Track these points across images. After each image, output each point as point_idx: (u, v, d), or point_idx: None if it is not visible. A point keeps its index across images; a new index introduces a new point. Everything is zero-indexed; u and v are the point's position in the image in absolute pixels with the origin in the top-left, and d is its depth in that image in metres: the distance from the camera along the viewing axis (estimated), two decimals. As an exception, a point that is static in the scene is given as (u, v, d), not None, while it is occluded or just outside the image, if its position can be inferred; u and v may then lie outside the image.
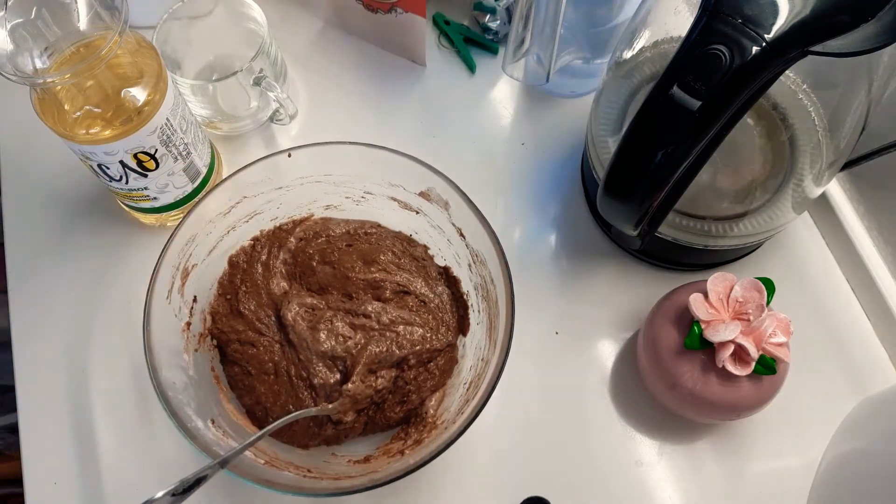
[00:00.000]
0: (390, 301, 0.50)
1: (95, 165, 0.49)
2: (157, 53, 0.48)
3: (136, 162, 0.49)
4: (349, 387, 0.47)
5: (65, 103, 0.46)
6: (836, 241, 0.57)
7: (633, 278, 0.57)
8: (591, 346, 0.55)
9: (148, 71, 0.47)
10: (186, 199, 0.56)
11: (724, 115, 0.37)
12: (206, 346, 0.50)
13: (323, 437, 0.48)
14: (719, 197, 0.51)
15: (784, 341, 0.45)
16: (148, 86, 0.47)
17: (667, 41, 0.49)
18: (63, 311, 0.56)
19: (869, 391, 0.52)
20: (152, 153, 0.49)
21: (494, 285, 0.47)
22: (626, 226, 0.45)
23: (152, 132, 0.48)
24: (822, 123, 0.49)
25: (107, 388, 0.53)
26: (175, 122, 0.50)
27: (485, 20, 0.66)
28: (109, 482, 0.50)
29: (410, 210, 0.52)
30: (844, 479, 0.46)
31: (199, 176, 0.55)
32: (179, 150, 0.51)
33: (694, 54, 0.36)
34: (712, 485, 0.50)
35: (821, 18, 0.35)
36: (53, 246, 0.58)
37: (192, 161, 0.54)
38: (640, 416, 0.52)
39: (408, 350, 0.48)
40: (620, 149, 0.40)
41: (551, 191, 0.60)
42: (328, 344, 0.48)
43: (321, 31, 0.68)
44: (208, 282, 0.51)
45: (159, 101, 0.48)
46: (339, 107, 0.64)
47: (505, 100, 0.65)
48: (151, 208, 0.55)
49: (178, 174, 0.53)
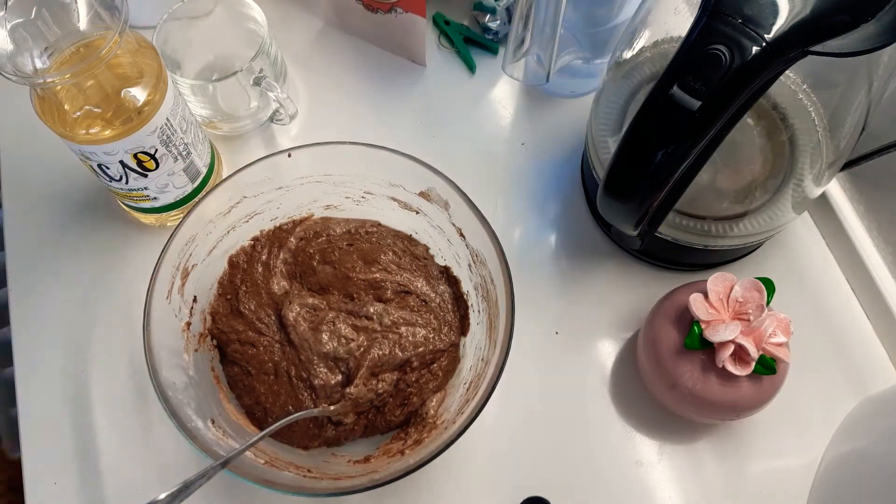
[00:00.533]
0: (392, 301, 0.50)
1: (95, 165, 0.49)
2: (157, 53, 0.48)
3: (136, 162, 0.49)
4: (351, 390, 0.47)
5: (65, 103, 0.46)
6: (836, 241, 0.57)
7: (633, 278, 0.57)
8: (591, 346, 0.55)
9: (148, 71, 0.47)
10: (186, 199, 0.56)
11: (724, 115, 0.37)
12: (206, 346, 0.50)
13: (323, 439, 0.48)
14: (719, 197, 0.51)
15: (784, 341, 0.45)
16: (148, 86, 0.47)
17: (667, 41, 0.49)
18: (63, 311, 0.56)
19: (869, 391, 0.52)
20: (152, 153, 0.49)
21: (494, 285, 0.47)
22: (626, 226, 0.45)
23: (152, 132, 0.48)
24: (822, 123, 0.49)
25: (107, 388, 0.53)
26: (175, 122, 0.50)
27: (485, 20, 0.66)
28: (109, 482, 0.50)
29: (410, 210, 0.52)
30: (844, 479, 0.46)
31: (199, 176, 0.55)
32: (179, 150, 0.51)
33: (694, 54, 0.36)
34: (712, 485, 0.50)
35: (821, 18, 0.35)
36: (53, 245, 0.58)
37: (192, 161, 0.54)
38: (640, 416, 0.52)
39: (411, 352, 0.48)
40: (620, 149, 0.40)
41: (551, 191, 0.60)
42: (330, 345, 0.48)
43: (321, 31, 0.68)
44: (208, 282, 0.51)
45: (159, 101, 0.48)
46: (339, 107, 0.64)
47: (505, 100, 0.65)
48: (151, 208, 0.55)
49: (179, 174, 0.53)
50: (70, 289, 0.56)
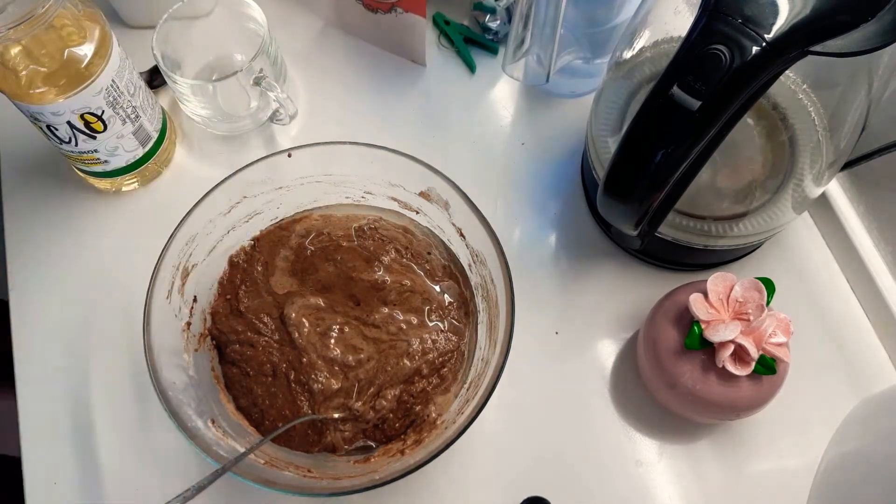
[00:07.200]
0: (396, 303, 0.50)
1: (45, 127, 0.51)
2: (101, 16, 0.50)
3: (84, 123, 0.51)
4: (357, 406, 0.47)
5: (11, 65, 0.48)
6: (836, 241, 0.57)
7: (633, 278, 0.57)
8: (591, 346, 0.55)
9: (91, 33, 0.49)
10: (138, 164, 0.57)
11: (724, 115, 0.37)
12: (207, 346, 0.50)
13: (322, 445, 0.48)
14: (719, 197, 0.51)
15: (784, 341, 0.45)
16: (92, 46, 0.49)
17: (667, 41, 0.49)
18: (63, 310, 0.56)
19: (869, 391, 0.52)
20: (99, 114, 0.51)
21: (494, 285, 0.47)
22: (626, 226, 0.45)
23: (98, 93, 0.50)
24: (822, 123, 0.49)
25: (107, 389, 0.53)
26: (122, 84, 0.52)
27: (485, 20, 0.66)
28: (109, 482, 0.50)
29: (410, 210, 0.52)
30: (844, 479, 0.46)
31: (150, 140, 0.57)
32: (127, 112, 0.53)
33: (694, 54, 0.36)
34: (712, 485, 0.50)
35: (821, 18, 0.35)
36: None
37: (142, 125, 0.55)
38: (640, 416, 0.52)
39: (419, 361, 0.48)
40: (620, 149, 0.40)
41: (551, 191, 0.60)
42: (337, 350, 0.48)
43: (321, 31, 0.68)
44: (208, 282, 0.51)
45: (103, 61, 0.50)
46: (339, 107, 0.64)
47: (505, 100, 0.65)
48: (104, 172, 0.57)
49: (128, 137, 0.55)
50: (66, 284, 0.56)
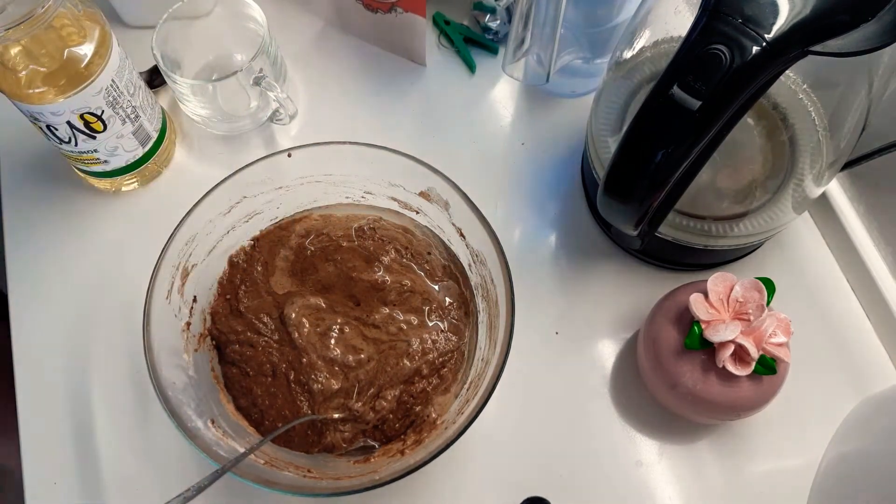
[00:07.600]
0: (396, 304, 0.50)
1: (44, 127, 0.51)
2: (101, 16, 0.50)
3: (84, 123, 0.51)
4: (357, 406, 0.47)
5: (16, 67, 0.48)
6: (836, 241, 0.57)
7: (633, 278, 0.57)
8: (591, 346, 0.55)
9: (91, 33, 0.49)
10: (138, 164, 0.57)
11: (724, 115, 0.37)
12: (206, 346, 0.50)
13: (322, 445, 0.48)
14: (719, 197, 0.51)
15: (784, 341, 0.45)
16: (92, 46, 0.49)
17: (667, 41, 0.49)
18: (63, 310, 0.56)
19: (869, 391, 0.52)
20: (99, 114, 0.51)
21: (494, 285, 0.47)
22: (626, 226, 0.45)
23: (98, 93, 0.50)
24: (822, 123, 0.49)
25: (107, 388, 0.53)
26: (121, 84, 0.52)
27: (485, 20, 0.66)
28: (109, 482, 0.50)
29: (410, 210, 0.52)
30: (844, 479, 0.46)
31: (150, 140, 0.57)
32: (127, 112, 0.53)
33: (694, 54, 0.36)
34: (712, 485, 0.50)
35: (821, 18, 0.35)
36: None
37: (142, 125, 0.55)
38: (640, 416, 0.52)
39: (419, 362, 0.48)
40: (620, 149, 0.40)
41: (551, 191, 0.60)
42: (337, 351, 0.48)
43: (321, 31, 0.68)
44: (208, 282, 0.51)
45: (103, 61, 0.49)
46: (338, 107, 0.64)
47: (505, 100, 0.65)
48: (103, 172, 0.56)
49: (128, 137, 0.55)
50: (66, 281, 0.56)
